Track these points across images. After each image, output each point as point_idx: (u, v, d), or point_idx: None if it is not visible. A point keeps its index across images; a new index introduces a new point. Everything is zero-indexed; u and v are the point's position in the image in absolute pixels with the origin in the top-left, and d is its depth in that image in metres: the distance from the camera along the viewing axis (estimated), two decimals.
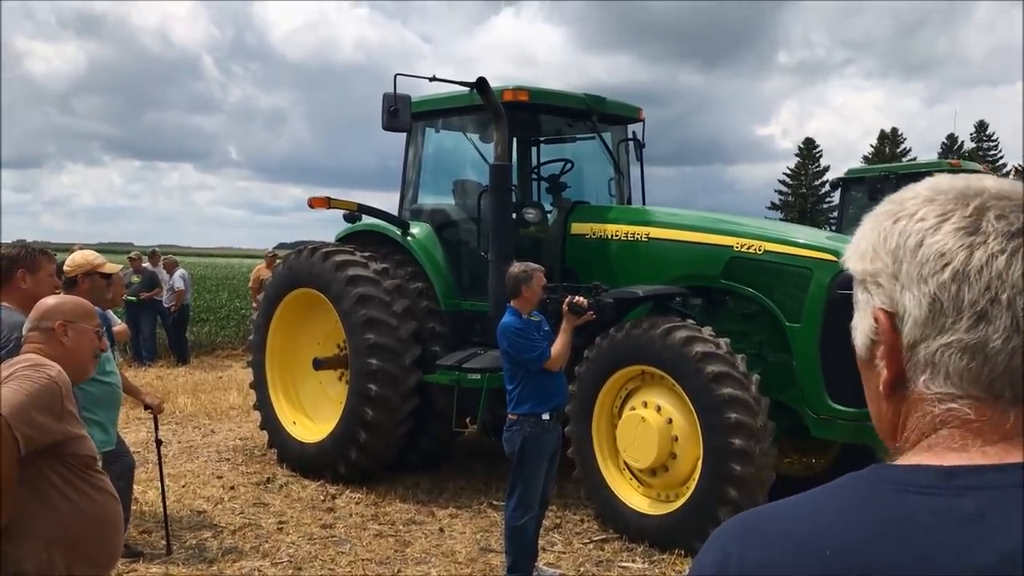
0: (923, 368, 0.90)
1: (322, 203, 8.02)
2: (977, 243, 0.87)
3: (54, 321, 3.01)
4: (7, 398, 2.62)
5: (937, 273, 0.88)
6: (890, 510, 0.85)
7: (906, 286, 0.90)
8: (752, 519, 0.94)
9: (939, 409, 0.89)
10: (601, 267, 7.30)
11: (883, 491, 0.87)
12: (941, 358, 0.88)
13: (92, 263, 4.96)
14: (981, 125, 63.01)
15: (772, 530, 0.90)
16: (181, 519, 6.65)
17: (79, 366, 3.05)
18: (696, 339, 6.01)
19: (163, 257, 16.51)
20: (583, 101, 7.90)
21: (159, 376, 13.72)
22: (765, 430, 5.83)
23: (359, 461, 7.49)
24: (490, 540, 6.31)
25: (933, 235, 0.89)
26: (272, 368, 8.39)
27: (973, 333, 0.86)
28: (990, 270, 0.86)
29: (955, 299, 0.87)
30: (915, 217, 0.91)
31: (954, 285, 0.87)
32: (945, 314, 0.87)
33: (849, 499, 0.88)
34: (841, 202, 14.00)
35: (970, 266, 0.86)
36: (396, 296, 7.52)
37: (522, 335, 5.33)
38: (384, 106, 7.10)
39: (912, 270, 0.89)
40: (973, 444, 0.87)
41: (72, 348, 3.01)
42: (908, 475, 0.87)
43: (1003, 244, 0.87)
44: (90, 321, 3.12)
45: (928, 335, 0.89)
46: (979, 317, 0.86)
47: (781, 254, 6.41)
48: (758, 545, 0.89)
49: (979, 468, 0.85)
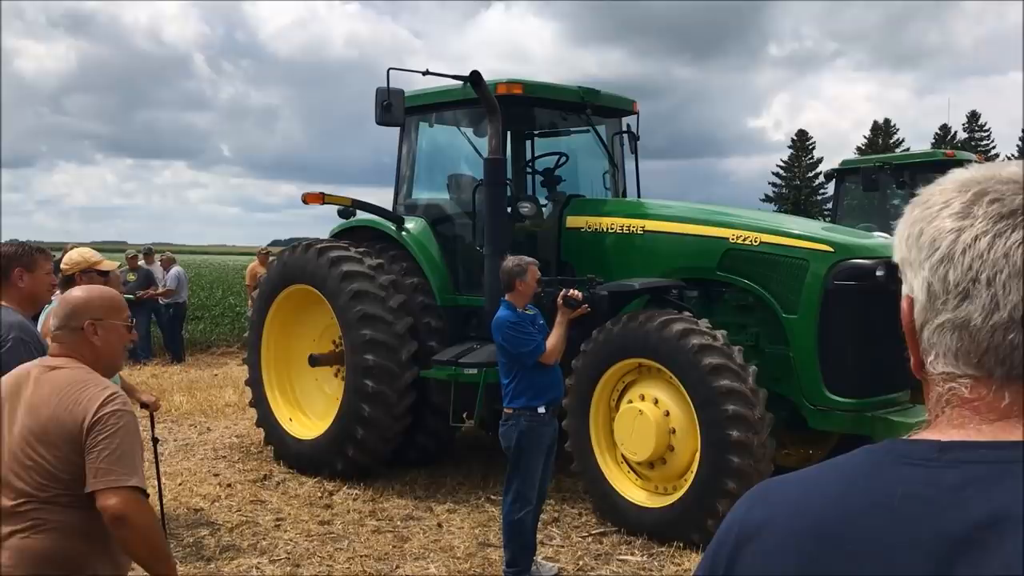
0: (928, 350, 0.96)
1: (316, 199, 7.99)
2: (965, 226, 0.92)
3: (82, 320, 2.87)
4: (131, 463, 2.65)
5: (930, 258, 0.93)
6: (882, 479, 0.90)
7: (916, 272, 0.96)
8: (763, 487, 1.02)
9: (943, 388, 0.95)
10: (597, 260, 7.28)
11: (882, 462, 0.93)
12: (938, 338, 0.94)
13: (89, 261, 4.94)
14: (973, 115, 63.14)
15: (775, 495, 0.99)
16: (178, 517, 6.63)
17: (110, 364, 2.97)
18: (693, 331, 6.00)
19: (161, 254, 16.51)
20: (577, 94, 7.87)
21: (154, 374, 13.69)
22: (763, 422, 5.82)
23: (356, 457, 7.48)
24: (488, 535, 6.30)
25: (931, 222, 0.94)
26: (268, 365, 8.37)
27: (958, 312, 0.91)
28: (973, 251, 0.90)
29: (943, 281, 0.92)
30: (925, 205, 0.97)
31: (942, 268, 0.92)
32: (937, 296, 0.93)
33: (852, 469, 0.94)
34: (836, 193, 13.99)
35: (955, 249, 0.91)
36: (392, 292, 7.49)
37: (517, 329, 5.32)
38: (377, 101, 7.07)
39: (916, 257, 0.96)
40: (971, 422, 0.92)
41: (103, 347, 2.90)
42: (908, 448, 0.93)
43: (988, 226, 0.91)
44: (120, 315, 2.99)
45: (929, 318, 0.94)
46: (963, 296, 0.91)
47: (777, 245, 6.41)
48: (760, 507, 0.98)
49: (973, 444, 0.90)
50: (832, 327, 6.09)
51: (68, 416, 2.65)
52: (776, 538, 0.94)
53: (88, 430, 2.62)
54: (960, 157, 12.89)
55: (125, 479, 2.61)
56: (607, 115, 8.28)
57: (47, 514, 2.66)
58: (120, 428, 2.65)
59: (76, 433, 2.63)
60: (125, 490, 2.59)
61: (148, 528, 2.68)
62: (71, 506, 2.67)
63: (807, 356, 6.19)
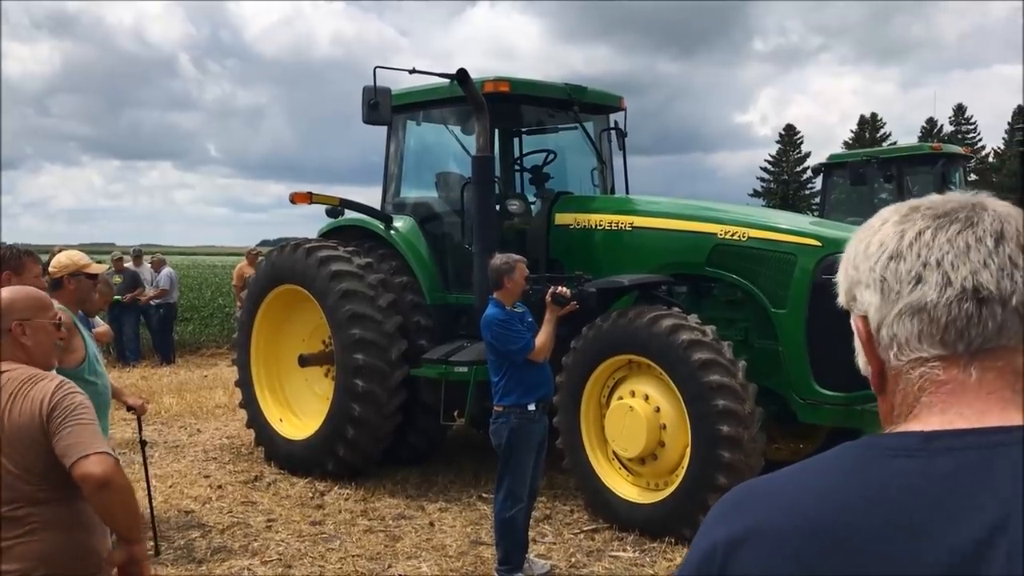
0: (889, 344, 1.00)
1: (304, 198, 7.97)
2: (908, 227, 1.00)
3: (9, 322, 2.88)
4: (97, 434, 2.71)
5: (879, 259, 1.00)
6: (874, 473, 0.92)
7: (864, 283, 1.03)
8: (735, 497, 1.01)
9: (915, 375, 0.99)
10: (586, 257, 7.28)
11: (870, 456, 0.94)
12: (898, 327, 0.99)
13: (77, 263, 4.90)
14: (960, 108, 63.32)
15: (758, 500, 0.98)
16: (169, 519, 6.61)
17: (43, 362, 2.96)
18: (682, 327, 6.01)
19: (150, 256, 16.47)
20: (564, 91, 7.87)
21: (144, 376, 13.64)
22: (753, 416, 5.84)
23: (347, 457, 7.46)
24: (480, 533, 6.30)
25: (875, 235, 1.03)
26: (257, 366, 8.34)
27: (913, 295, 0.98)
28: (919, 242, 0.98)
29: (895, 273, 0.99)
30: (868, 228, 1.06)
31: (892, 263, 0.99)
32: (891, 289, 0.99)
33: (839, 465, 0.96)
34: (823, 187, 14.04)
35: (903, 244, 0.99)
36: (381, 290, 7.48)
37: (506, 327, 5.31)
38: (364, 99, 7.05)
39: (865, 267, 1.02)
40: (952, 407, 0.96)
41: (33, 347, 2.91)
42: (894, 440, 0.95)
43: (928, 222, 0.99)
44: (45, 313, 3.00)
45: (885, 313, 1.00)
46: (916, 281, 0.98)
47: (765, 240, 6.42)
48: (739, 515, 0.97)
49: (959, 432, 0.93)
50: (821, 321, 6.10)
51: (26, 414, 2.70)
52: (769, 543, 0.92)
53: (48, 418, 2.68)
54: (947, 150, 12.94)
55: (99, 446, 2.68)
56: (594, 112, 8.28)
57: (42, 514, 2.71)
58: (77, 406, 2.72)
59: (38, 426, 2.69)
60: (102, 455, 2.66)
61: (129, 490, 2.77)
62: (62, 501, 2.73)
63: (796, 350, 6.21)
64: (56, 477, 2.69)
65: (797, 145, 65.04)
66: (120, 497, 2.69)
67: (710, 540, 0.97)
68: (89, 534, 2.80)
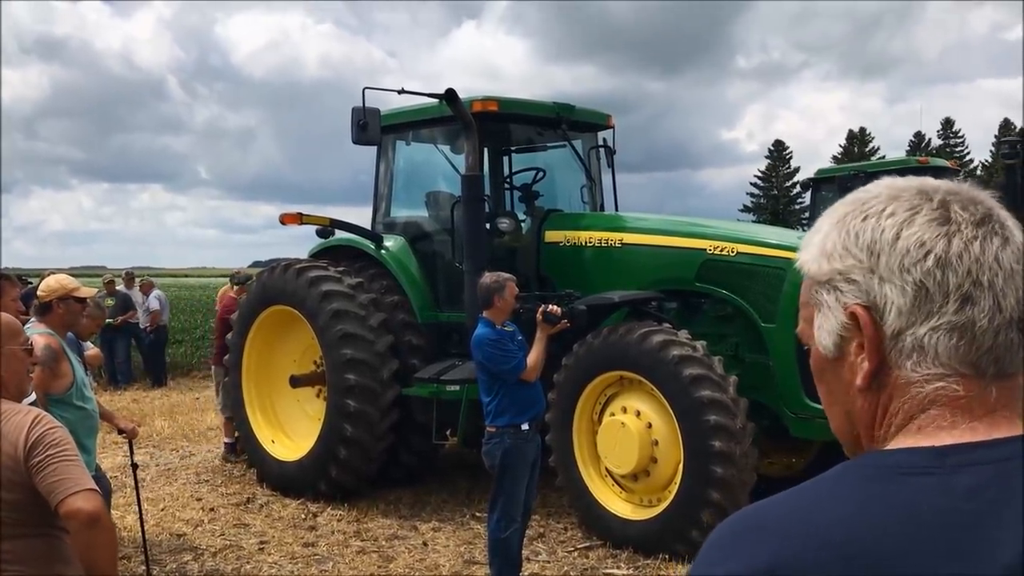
0: (909, 353, 0.93)
1: (294, 219, 7.97)
2: (952, 231, 0.92)
3: None
4: (81, 469, 2.69)
5: (920, 262, 0.92)
6: (895, 495, 0.87)
7: (886, 278, 0.94)
8: (748, 520, 0.92)
9: (928, 389, 0.93)
10: (576, 274, 7.31)
11: (882, 476, 0.89)
12: (930, 341, 0.92)
13: (66, 287, 4.90)
14: (947, 122, 63.76)
15: (775, 527, 0.89)
16: (161, 543, 6.57)
17: (16, 390, 2.90)
18: (673, 343, 6.03)
19: (139, 279, 16.41)
20: (552, 109, 7.91)
21: (135, 399, 13.59)
22: (745, 431, 5.84)
23: (340, 478, 7.44)
24: (474, 553, 6.28)
25: (908, 227, 0.94)
26: (249, 387, 8.32)
27: (960, 315, 0.91)
28: (969, 255, 0.91)
29: (941, 284, 0.91)
30: (885, 213, 0.96)
31: (939, 271, 0.91)
32: (932, 299, 0.92)
33: (850, 488, 0.90)
34: (812, 202, 14.13)
35: (950, 252, 0.92)
36: (372, 310, 7.48)
37: (497, 346, 5.30)
38: (353, 120, 7.06)
39: (892, 262, 0.93)
40: (962, 421, 0.92)
41: (6, 375, 2.82)
42: (904, 458, 0.91)
43: (974, 231, 0.92)
44: (16, 340, 2.92)
45: (914, 321, 0.93)
46: (964, 299, 0.91)
47: (754, 255, 6.45)
48: (760, 546, 0.87)
49: (970, 445, 0.90)
50: None
51: (2, 451, 2.65)
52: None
53: (28, 455, 2.64)
54: (934, 164, 13.04)
55: (87, 482, 2.66)
56: (583, 130, 8.32)
57: (16, 549, 2.68)
58: (59, 441, 2.69)
59: (16, 462, 2.64)
60: (91, 492, 2.63)
61: (113, 530, 2.77)
62: (38, 536, 2.71)
63: (787, 364, 6.22)
64: (33, 513, 2.65)
65: (786, 160, 65.38)
66: (105, 536, 2.68)
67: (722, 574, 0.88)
68: (65, 567, 2.76)
